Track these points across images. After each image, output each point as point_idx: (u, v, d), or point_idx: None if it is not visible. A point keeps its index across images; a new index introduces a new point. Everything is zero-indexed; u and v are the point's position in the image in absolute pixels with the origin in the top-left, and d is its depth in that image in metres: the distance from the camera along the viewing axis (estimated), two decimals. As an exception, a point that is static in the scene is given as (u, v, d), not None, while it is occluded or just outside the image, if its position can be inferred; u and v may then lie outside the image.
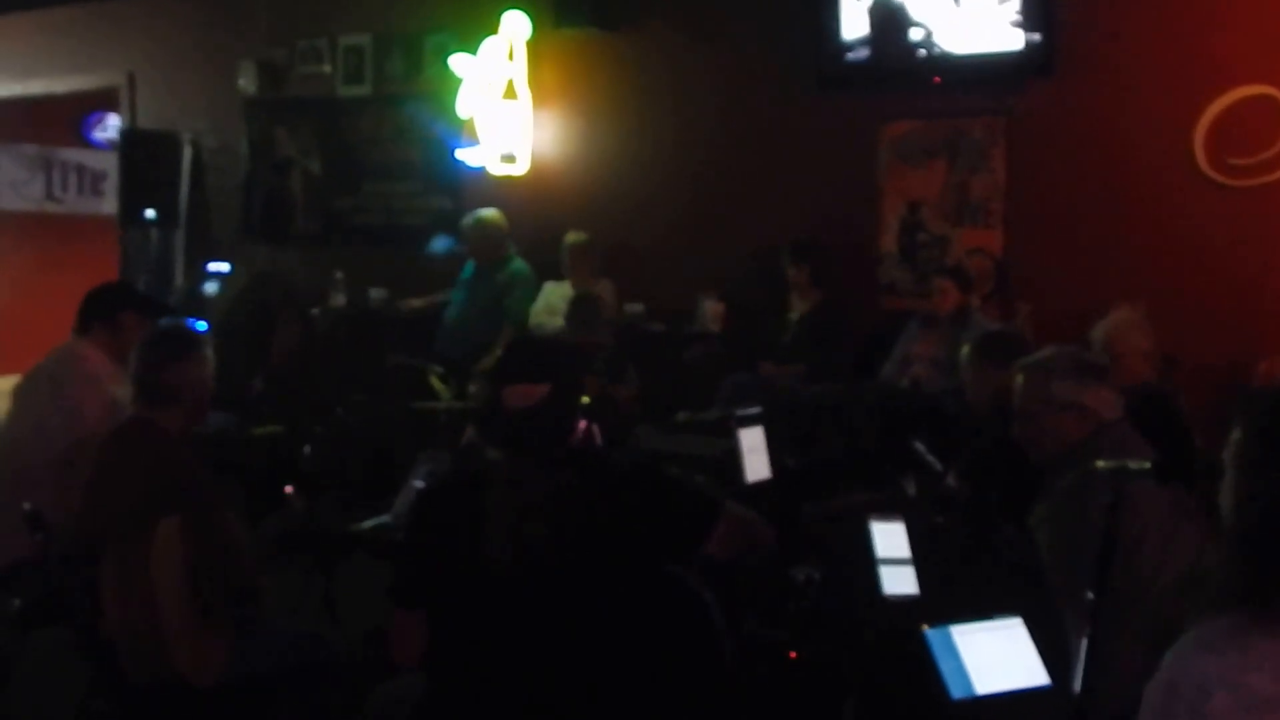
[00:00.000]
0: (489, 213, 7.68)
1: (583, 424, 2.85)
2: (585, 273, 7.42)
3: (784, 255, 6.84)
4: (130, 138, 9.66)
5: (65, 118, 12.54)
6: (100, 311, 4.39)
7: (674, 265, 7.55)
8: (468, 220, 7.69)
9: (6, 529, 4.03)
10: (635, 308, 7.43)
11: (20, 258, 12.06)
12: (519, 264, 7.66)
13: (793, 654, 3.06)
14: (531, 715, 2.63)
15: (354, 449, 5.38)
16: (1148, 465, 2.31)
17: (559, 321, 7.24)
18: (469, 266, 7.76)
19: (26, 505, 3.62)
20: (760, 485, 4.19)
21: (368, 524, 4.09)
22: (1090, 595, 2.25)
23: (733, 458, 4.22)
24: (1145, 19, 6.25)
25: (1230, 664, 1.58)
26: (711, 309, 7.38)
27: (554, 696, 2.61)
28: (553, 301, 7.50)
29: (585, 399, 2.87)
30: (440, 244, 8.29)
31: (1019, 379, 3.31)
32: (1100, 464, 2.37)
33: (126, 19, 9.98)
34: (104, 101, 11.20)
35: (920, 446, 4.27)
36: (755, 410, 4.49)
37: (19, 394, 4.43)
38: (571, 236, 7.48)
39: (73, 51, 10.33)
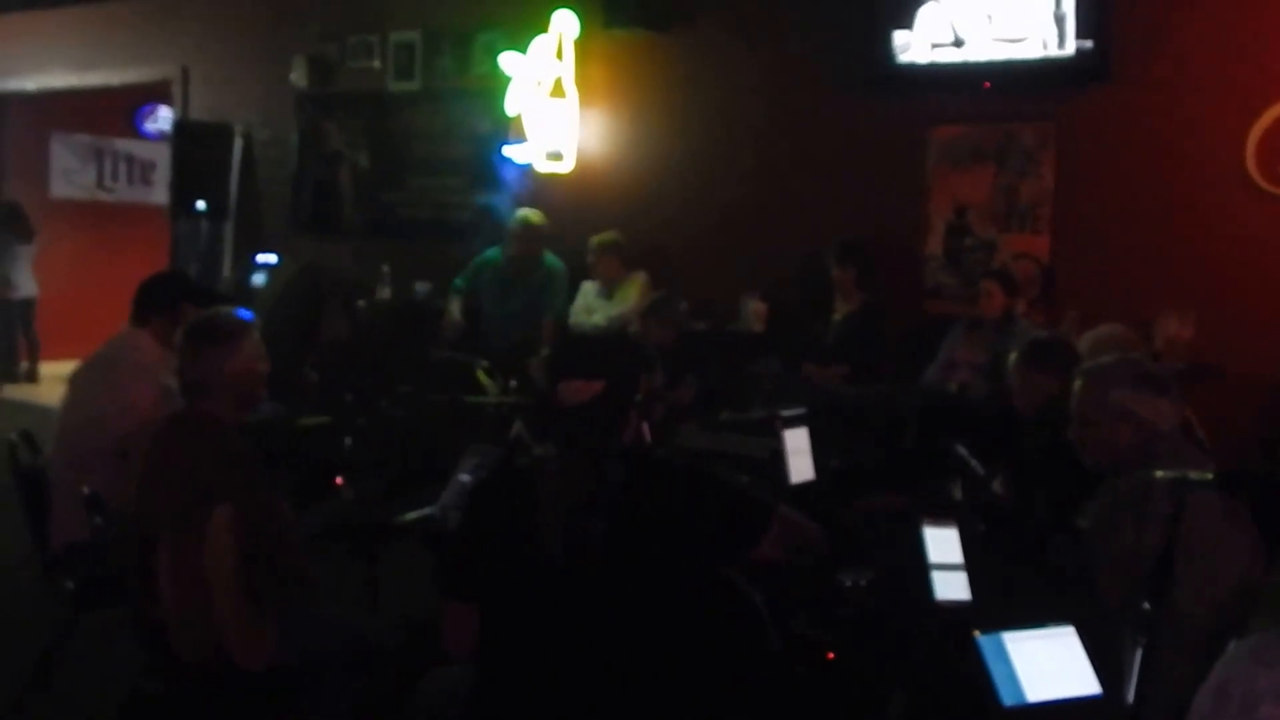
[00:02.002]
0: (534, 213, 7.70)
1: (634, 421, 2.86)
2: (612, 271, 7.44)
3: (829, 256, 6.84)
4: (183, 129, 9.78)
5: (119, 109, 12.71)
6: (160, 303, 4.43)
7: (718, 264, 7.57)
8: (514, 220, 7.69)
9: (64, 512, 4.10)
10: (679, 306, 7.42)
11: (72, 245, 12.24)
12: (552, 259, 7.70)
13: (830, 654, 3.07)
14: (580, 709, 2.65)
15: (398, 441, 5.42)
16: (1209, 476, 2.31)
17: (596, 320, 7.26)
18: (490, 259, 7.77)
19: (85, 489, 3.68)
20: (804, 486, 4.18)
21: (410, 515, 4.11)
22: (1146, 605, 2.25)
23: (776, 458, 4.22)
24: (1198, 27, 6.21)
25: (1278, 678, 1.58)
26: (755, 308, 7.39)
27: (603, 691, 2.63)
28: (589, 301, 7.52)
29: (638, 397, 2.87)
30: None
31: (1078, 383, 3.31)
32: (1160, 474, 2.37)
33: (181, 13, 10.11)
34: (157, 94, 11.34)
35: (963, 451, 4.26)
36: (800, 411, 4.48)
37: (76, 381, 4.49)
38: (596, 238, 7.50)
39: (128, 44, 10.47)
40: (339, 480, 4.05)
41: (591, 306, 7.48)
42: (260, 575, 3.27)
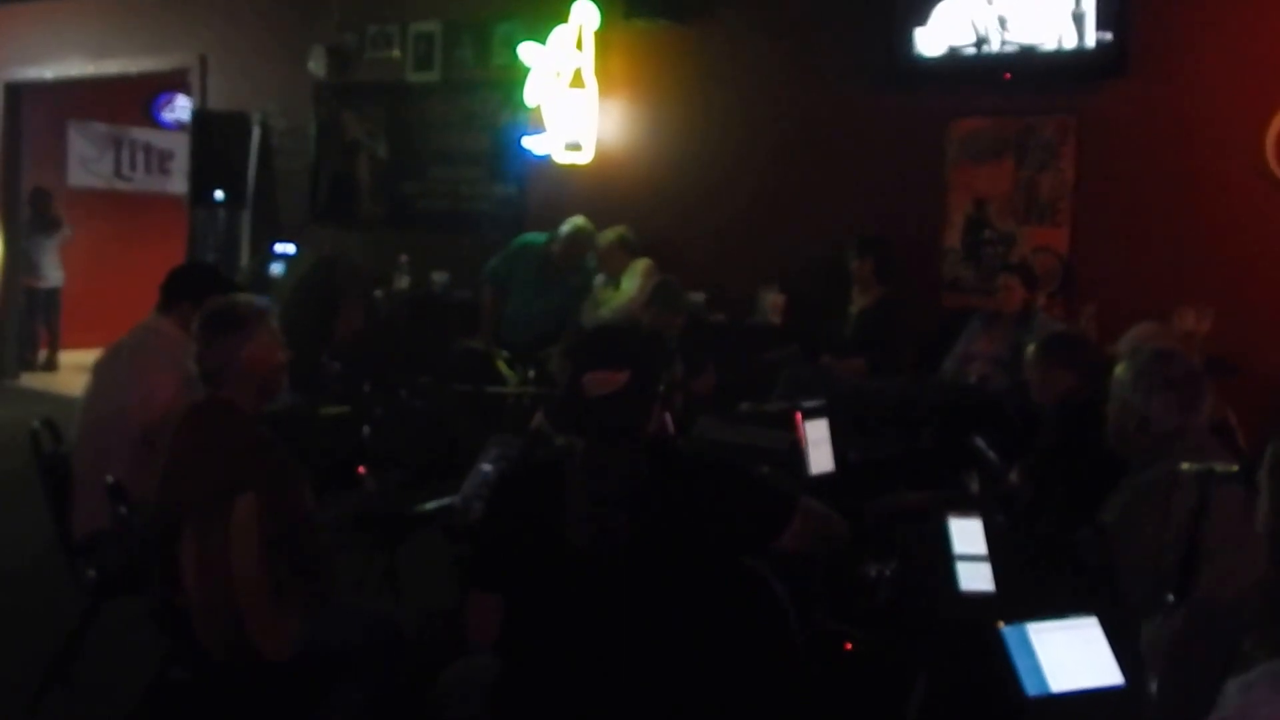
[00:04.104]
0: (584, 221, 7.59)
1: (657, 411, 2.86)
2: (617, 264, 7.43)
3: (848, 248, 6.84)
4: (201, 119, 9.78)
5: (136, 98, 12.76)
6: (190, 291, 4.42)
7: (736, 256, 7.57)
8: (565, 226, 7.57)
9: (87, 500, 4.12)
10: (697, 297, 7.42)
11: (89, 234, 12.30)
12: (593, 263, 7.66)
13: (848, 645, 3.09)
14: (603, 698, 2.66)
15: (417, 430, 5.43)
16: (1234, 469, 2.31)
17: (603, 313, 7.26)
18: (529, 248, 7.77)
19: (109, 478, 3.69)
20: (824, 478, 4.20)
21: (430, 505, 4.12)
22: (1170, 598, 2.26)
23: (796, 449, 4.23)
24: (1218, 21, 6.19)
25: None
26: (772, 300, 7.39)
27: (626, 680, 2.64)
28: (598, 295, 7.52)
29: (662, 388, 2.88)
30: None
31: (1117, 370, 3.34)
32: (1185, 466, 2.38)
33: (199, 1, 10.13)
34: (175, 82, 11.37)
35: (981, 443, 4.27)
36: (820, 402, 4.50)
37: (100, 369, 4.49)
38: (602, 236, 7.48)
39: (146, 33, 10.48)
40: (361, 470, 4.06)
41: (599, 300, 7.48)
42: (283, 564, 3.29)
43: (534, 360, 6.64)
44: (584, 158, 8.02)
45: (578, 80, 7.89)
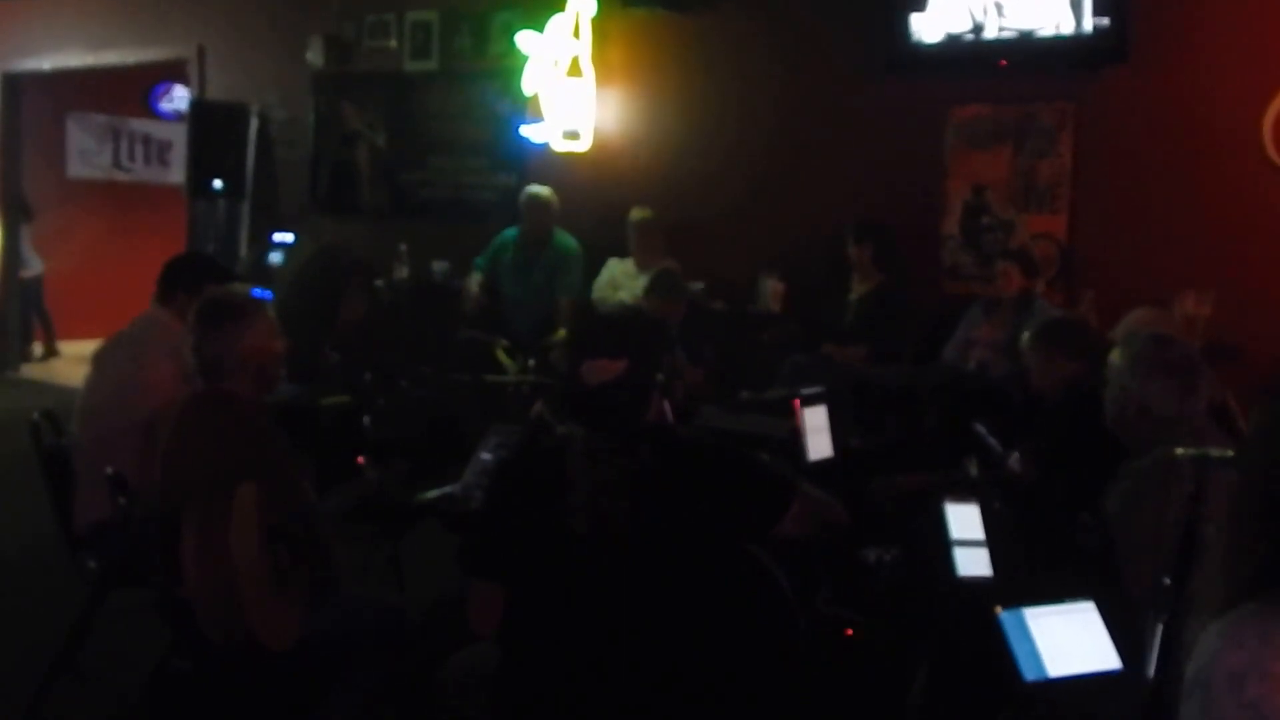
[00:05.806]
0: (543, 189, 7.73)
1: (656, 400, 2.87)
2: (652, 250, 7.42)
3: (847, 235, 6.84)
4: (199, 109, 9.78)
5: (135, 89, 12.75)
6: (185, 282, 4.44)
7: (735, 244, 7.56)
8: (524, 195, 7.71)
9: (88, 491, 4.12)
10: (696, 286, 7.42)
11: (89, 225, 12.29)
12: (564, 238, 7.72)
13: (849, 631, 3.10)
14: (606, 687, 2.67)
15: (418, 420, 5.43)
16: (1230, 454, 2.32)
17: (621, 296, 7.26)
18: (508, 241, 7.79)
19: (109, 470, 3.69)
20: (822, 464, 4.21)
21: (431, 494, 4.13)
22: (1168, 581, 2.27)
23: (795, 437, 4.25)
24: (1216, 6, 6.18)
25: (1256, 656, 1.60)
26: (772, 288, 7.39)
27: (628, 668, 2.65)
28: (616, 277, 7.52)
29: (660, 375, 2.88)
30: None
31: (1112, 355, 3.34)
32: (1181, 451, 2.38)
33: (198, -8, 10.11)
34: (173, 73, 11.36)
35: (982, 429, 4.28)
36: (819, 390, 4.51)
37: (100, 359, 4.50)
38: (636, 213, 7.49)
39: (144, 23, 10.47)
40: (361, 460, 4.07)
41: (618, 283, 7.48)
42: (284, 554, 3.29)
43: (534, 349, 6.66)
44: (582, 146, 8.02)
45: (575, 69, 7.89)
